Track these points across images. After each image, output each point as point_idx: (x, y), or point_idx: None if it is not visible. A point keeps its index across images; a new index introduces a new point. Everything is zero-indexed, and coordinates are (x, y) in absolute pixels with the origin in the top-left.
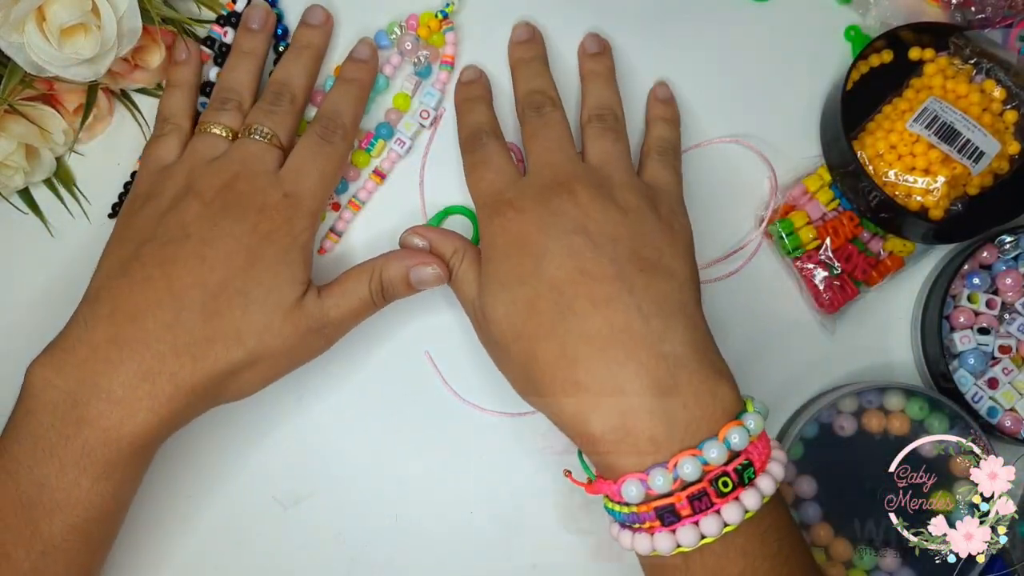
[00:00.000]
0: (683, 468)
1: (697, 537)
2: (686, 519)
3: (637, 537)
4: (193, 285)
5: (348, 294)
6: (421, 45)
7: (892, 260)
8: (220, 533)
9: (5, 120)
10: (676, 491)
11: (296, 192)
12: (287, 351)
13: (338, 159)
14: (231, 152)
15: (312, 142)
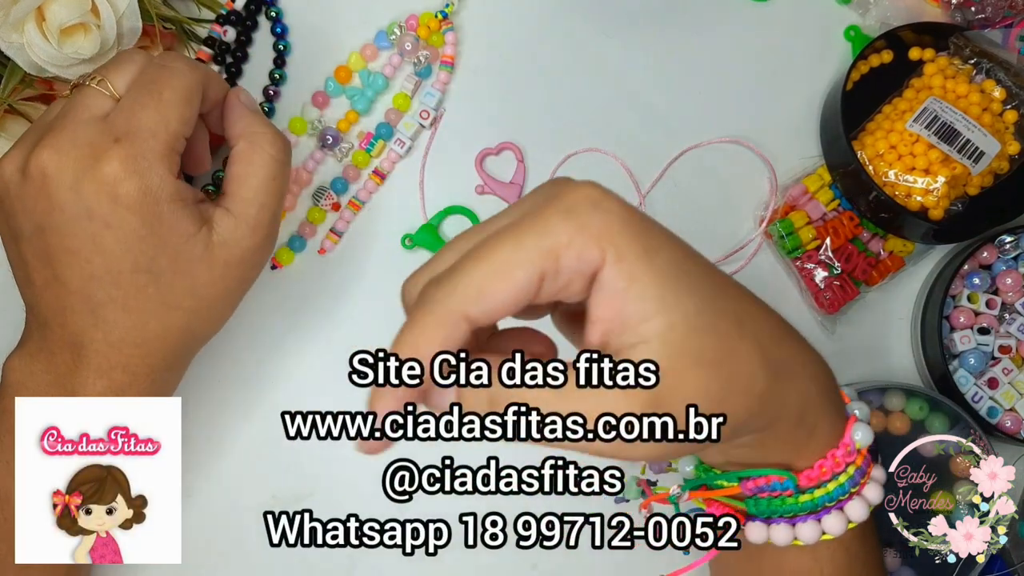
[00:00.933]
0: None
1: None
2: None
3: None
4: (85, 281)
5: (257, 185)
6: (421, 45)
7: (892, 260)
8: (220, 532)
9: (5, 120)
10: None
11: (130, 131)
12: (230, 283)
13: (183, 87)
14: (55, 109)
15: (147, 71)
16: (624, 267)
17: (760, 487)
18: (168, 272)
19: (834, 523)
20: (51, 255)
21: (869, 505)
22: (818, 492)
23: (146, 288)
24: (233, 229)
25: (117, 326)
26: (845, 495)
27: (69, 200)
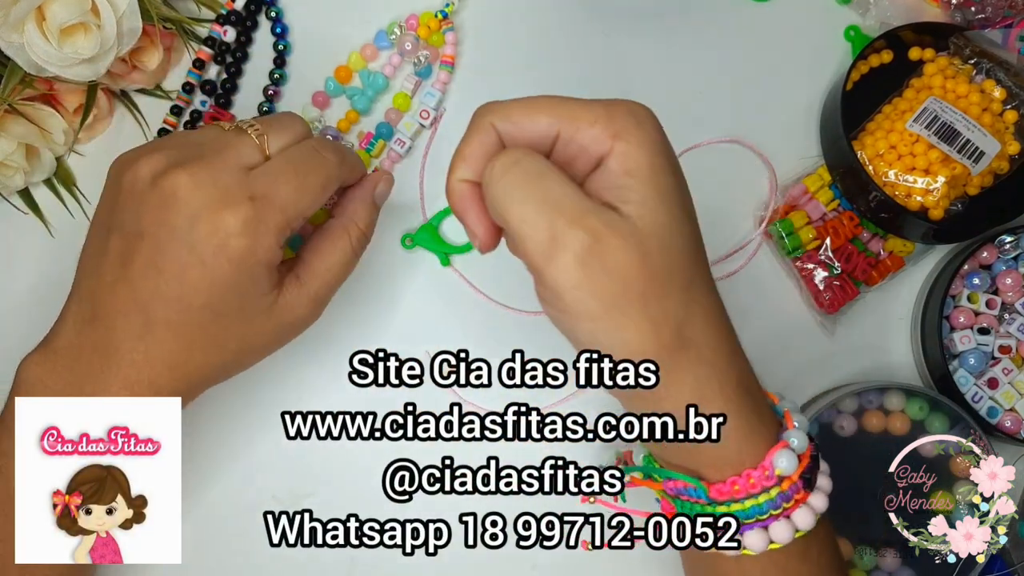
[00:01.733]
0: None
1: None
2: (798, 502)
3: (775, 527)
4: (154, 297)
5: (331, 265)
6: (421, 45)
7: (892, 260)
8: (220, 532)
9: (5, 120)
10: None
11: (267, 196)
12: (277, 339)
13: (326, 177)
14: (211, 138)
15: (301, 150)
16: (625, 162)
17: (679, 489)
18: (231, 318)
19: (755, 540)
20: (136, 260)
21: (796, 529)
22: (734, 507)
23: (206, 325)
24: (296, 296)
25: (163, 346)
26: (764, 515)
27: (182, 227)
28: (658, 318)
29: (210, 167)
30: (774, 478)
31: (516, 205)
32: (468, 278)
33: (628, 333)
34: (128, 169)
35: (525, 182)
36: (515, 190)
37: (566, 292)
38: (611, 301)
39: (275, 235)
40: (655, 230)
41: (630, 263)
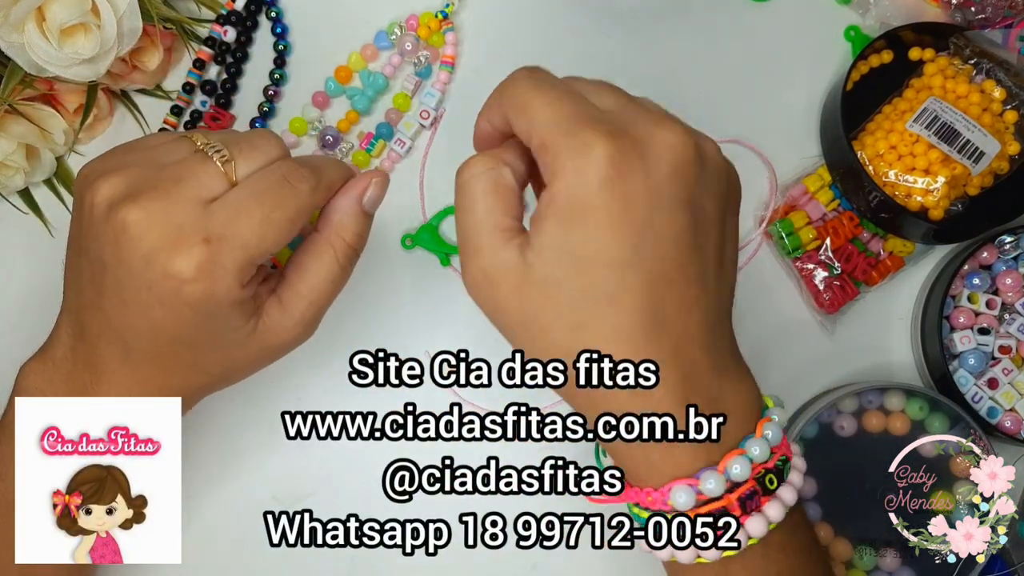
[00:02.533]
0: (733, 468)
1: (746, 538)
2: (743, 519)
3: (679, 550)
4: (125, 327)
5: (315, 284)
6: (421, 45)
7: (892, 260)
8: (220, 532)
9: (5, 120)
10: (726, 493)
11: (224, 237)
12: (263, 359)
13: (295, 210)
14: (173, 161)
15: (268, 178)
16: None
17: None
18: (206, 348)
19: (684, 553)
20: (105, 289)
21: (698, 556)
22: (644, 515)
23: (181, 354)
24: (279, 319)
25: (143, 371)
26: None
27: (137, 266)
28: (543, 350)
29: (165, 200)
30: (669, 505)
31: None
32: None
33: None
34: (87, 190)
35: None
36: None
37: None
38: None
39: (234, 276)
40: (538, 275)
41: (509, 297)
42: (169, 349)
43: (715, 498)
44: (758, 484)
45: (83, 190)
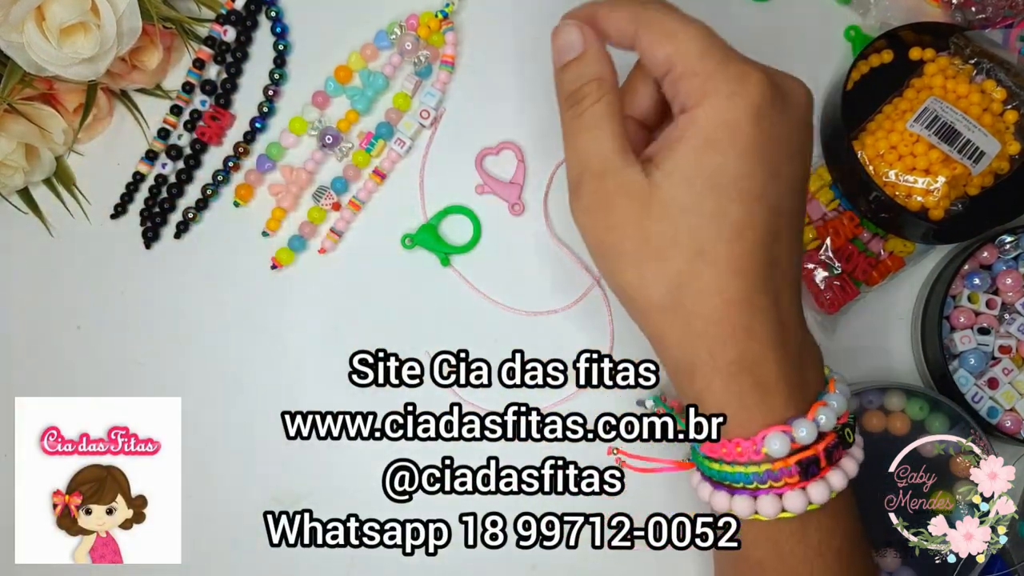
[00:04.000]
0: (820, 418)
1: (826, 493)
2: (823, 472)
3: (762, 500)
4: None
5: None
6: (421, 45)
7: (892, 260)
8: (220, 532)
9: (5, 120)
10: (813, 444)
11: None
12: None
13: None
14: None
15: None
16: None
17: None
18: None
19: (742, 505)
20: None
21: (782, 509)
22: (724, 467)
23: None
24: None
25: None
26: (751, 485)
27: None
28: (654, 275)
29: None
30: (761, 454)
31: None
32: (468, 278)
33: (628, 276)
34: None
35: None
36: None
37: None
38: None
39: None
40: (666, 196)
41: (628, 218)
42: None
43: (807, 446)
44: (838, 436)
45: None
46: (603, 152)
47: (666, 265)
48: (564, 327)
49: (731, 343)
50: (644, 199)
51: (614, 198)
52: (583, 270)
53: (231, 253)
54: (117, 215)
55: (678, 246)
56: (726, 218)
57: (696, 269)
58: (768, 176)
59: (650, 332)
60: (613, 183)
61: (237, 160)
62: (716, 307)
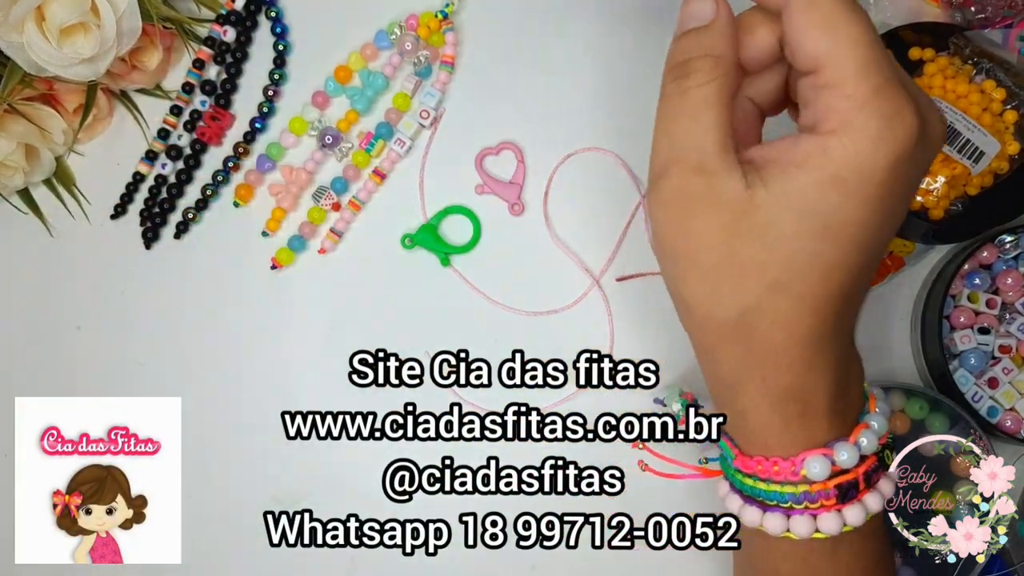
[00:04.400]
0: (862, 440)
1: (862, 516)
2: (861, 495)
3: (796, 519)
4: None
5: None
6: (421, 45)
7: (892, 260)
8: (220, 532)
9: (5, 120)
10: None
11: None
12: None
13: None
14: None
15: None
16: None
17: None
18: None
19: (774, 523)
20: None
21: (816, 530)
22: (758, 484)
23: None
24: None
25: None
26: (786, 504)
27: None
28: (729, 297)
29: None
30: (800, 475)
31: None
32: (468, 278)
33: (697, 289)
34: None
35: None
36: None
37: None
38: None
39: None
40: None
41: (713, 228)
42: None
43: (846, 470)
44: (878, 459)
45: None
46: (702, 144)
47: (744, 290)
48: (564, 327)
49: (788, 373)
50: (738, 214)
51: (703, 202)
52: (583, 270)
53: (231, 253)
54: (117, 215)
55: (763, 275)
56: (820, 257)
57: (775, 301)
58: (880, 224)
59: (703, 346)
60: (705, 184)
61: (237, 160)
62: (784, 339)
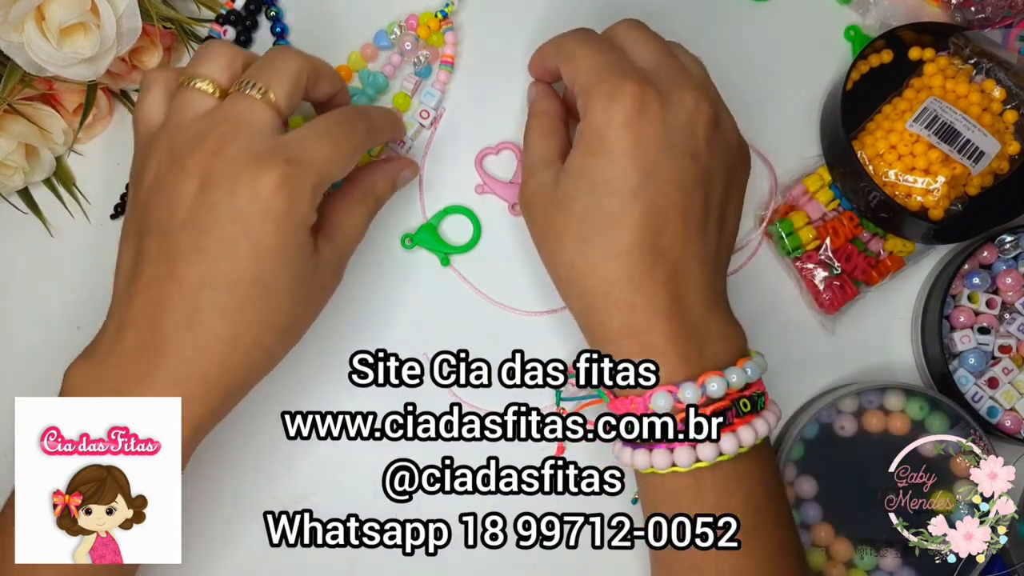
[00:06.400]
0: (711, 385)
1: (715, 452)
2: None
3: (655, 453)
4: (201, 284)
5: (353, 225)
6: (421, 45)
7: (892, 260)
8: (220, 532)
9: (5, 120)
10: (701, 406)
11: (301, 160)
12: (317, 308)
13: (354, 148)
14: (216, 111)
15: (329, 120)
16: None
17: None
18: (280, 289)
19: (640, 459)
20: (177, 251)
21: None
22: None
23: (255, 301)
24: (330, 254)
25: (212, 333)
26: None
27: (221, 201)
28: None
29: (238, 139)
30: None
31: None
32: (468, 278)
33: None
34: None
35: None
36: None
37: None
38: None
39: (311, 195)
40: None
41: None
42: (244, 295)
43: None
44: (732, 406)
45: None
46: (531, 162)
47: (561, 249)
48: (564, 327)
49: (616, 314)
50: (549, 196)
51: (534, 195)
52: None
53: None
54: (117, 215)
55: (569, 233)
56: (603, 211)
57: (582, 252)
58: (643, 176)
59: (565, 304)
60: (534, 183)
61: None
62: (598, 284)
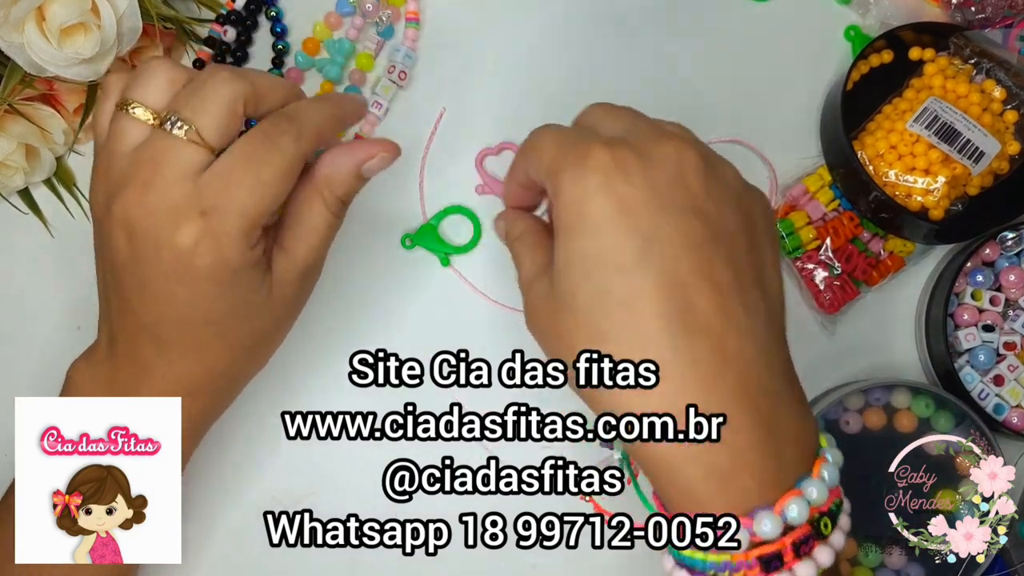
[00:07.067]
0: (790, 511)
1: None
2: (788, 565)
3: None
4: (156, 321)
5: (311, 228)
6: (382, 5)
7: (892, 260)
8: (220, 532)
9: (5, 120)
10: (780, 537)
11: (219, 207)
12: (287, 315)
13: (283, 166)
14: (142, 149)
15: (251, 140)
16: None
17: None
18: (235, 322)
19: None
20: (128, 291)
21: None
22: (686, 552)
23: (213, 335)
24: (286, 266)
25: (183, 361)
26: (711, 572)
27: (149, 255)
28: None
29: (152, 188)
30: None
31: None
32: (468, 278)
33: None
34: (93, 202)
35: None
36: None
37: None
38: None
39: (241, 241)
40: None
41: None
42: (201, 331)
43: (769, 540)
44: (812, 528)
45: (92, 205)
46: (526, 277)
47: (577, 353)
48: None
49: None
50: (550, 300)
51: (536, 307)
52: None
53: None
54: None
55: (579, 332)
56: (610, 296)
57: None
58: (641, 243)
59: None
60: (532, 296)
61: None
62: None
